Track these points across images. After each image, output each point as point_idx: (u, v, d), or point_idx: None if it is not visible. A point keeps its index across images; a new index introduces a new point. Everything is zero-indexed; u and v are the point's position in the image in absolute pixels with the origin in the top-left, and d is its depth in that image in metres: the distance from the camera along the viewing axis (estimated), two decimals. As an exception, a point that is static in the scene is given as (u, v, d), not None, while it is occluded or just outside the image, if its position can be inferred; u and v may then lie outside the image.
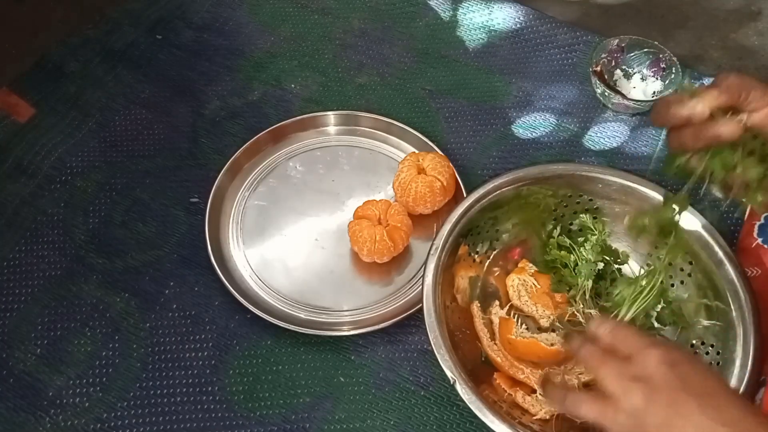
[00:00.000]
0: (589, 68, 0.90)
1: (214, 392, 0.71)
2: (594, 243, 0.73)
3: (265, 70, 0.95)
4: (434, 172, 0.78)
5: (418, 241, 0.80)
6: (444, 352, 0.62)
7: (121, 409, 0.70)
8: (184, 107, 0.91)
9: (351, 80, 0.94)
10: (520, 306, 0.73)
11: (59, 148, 0.88)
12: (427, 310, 0.65)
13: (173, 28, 0.99)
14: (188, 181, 0.85)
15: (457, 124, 0.90)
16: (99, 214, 0.83)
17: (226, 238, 0.81)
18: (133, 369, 0.72)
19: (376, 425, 0.69)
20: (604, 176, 0.73)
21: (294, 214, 0.82)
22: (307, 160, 0.87)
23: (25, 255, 0.80)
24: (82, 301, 0.77)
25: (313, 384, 0.72)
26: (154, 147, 0.88)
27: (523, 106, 0.91)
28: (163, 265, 0.79)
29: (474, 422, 0.69)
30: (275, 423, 0.69)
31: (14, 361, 0.73)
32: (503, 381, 0.68)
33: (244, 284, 0.77)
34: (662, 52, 0.89)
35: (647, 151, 0.87)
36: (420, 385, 0.71)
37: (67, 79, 0.94)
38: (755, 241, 0.70)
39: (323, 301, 0.76)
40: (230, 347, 0.74)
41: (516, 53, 0.96)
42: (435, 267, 0.68)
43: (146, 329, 0.75)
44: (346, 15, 1.01)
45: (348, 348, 0.73)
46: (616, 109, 0.90)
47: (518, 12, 0.99)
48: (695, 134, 0.56)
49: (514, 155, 0.87)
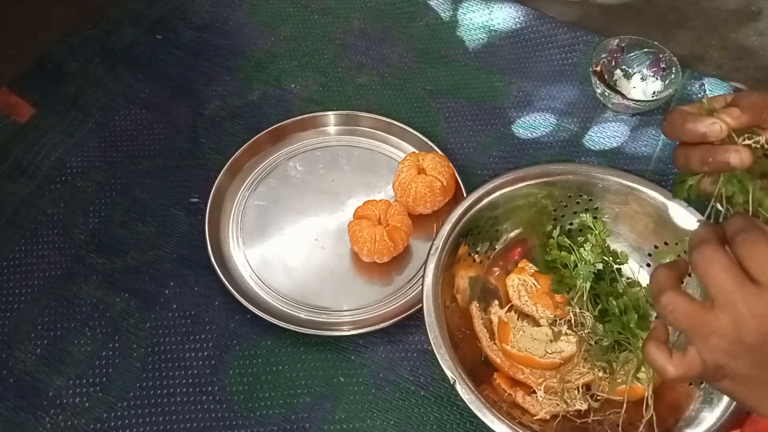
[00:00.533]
0: (589, 68, 0.90)
1: (214, 392, 0.71)
2: (594, 243, 0.73)
3: (265, 70, 0.95)
4: (434, 172, 0.78)
5: (418, 241, 0.80)
6: (444, 352, 0.62)
7: (121, 409, 0.70)
8: (184, 107, 0.91)
9: (351, 80, 0.94)
10: (520, 306, 0.73)
11: (59, 148, 0.88)
12: (427, 310, 0.65)
13: (173, 28, 0.99)
14: (188, 181, 0.85)
15: (457, 124, 0.90)
16: (99, 214, 0.83)
17: (226, 238, 0.81)
18: (133, 369, 0.72)
19: (376, 425, 0.69)
20: (604, 176, 0.73)
21: (294, 214, 0.82)
22: (307, 160, 0.87)
23: (25, 255, 0.80)
24: (82, 301, 0.77)
25: (313, 384, 0.72)
26: (154, 147, 0.88)
27: (523, 106, 0.91)
28: (163, 265, 0.79)
29: (474, 422, 0.69)
30: (275, 423, 0.69)
31: (14, 361, 0.73)
32: (503, 381, 0.68)
33: (244, 284, 0.77)
34: (662, 52, 0.89)
35: (647, 151, 0.87)
36: (420, 385, 0.71)
37: (67, 79, 0.94)
38: None
39: (323, 301, 0.76)
40: (230, 347, 0.74)
41: (516, 53, 0.96)
42: (435, 267, 0.68)
43: (146, 329, 0.75)
44: (346, 15, 1.01)
45: (348, 348, 0.73)
46: (616, 109, 0.90)
47: (518, 12, 0.99)
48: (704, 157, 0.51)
49: (514, 155, 0.87)
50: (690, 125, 0.50)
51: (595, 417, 0.66)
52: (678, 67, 0.88)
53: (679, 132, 0.52)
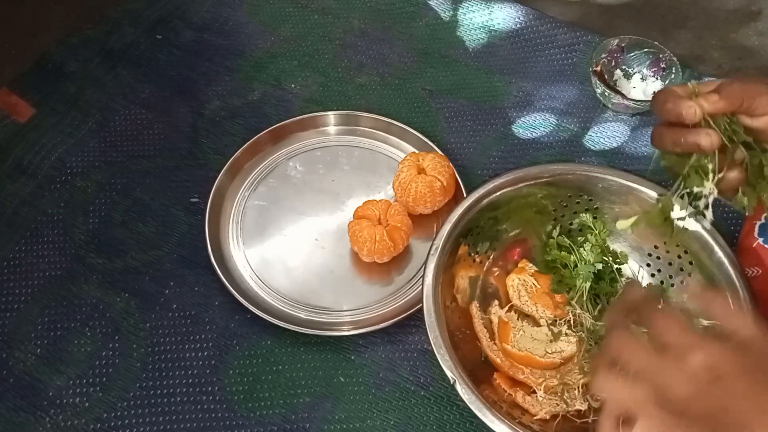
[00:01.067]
0: (589, 68, 0.90)
1: (214, 392, 0.71)
2: (594, 243, 0.73)
3: (265, 70, 0.95)
4: (434, 172, 0.78)
5: (418, 241, 0.80)
6: (444, 352, 0.62)
7: (121, 409, 0.70)
8: (184, 107, 0.91)
9: (351, 80, 0.94)
10: (520, 306, 0.73)
11: (59, 148, 0.88)
12: (427, 310, 0.65)
13: (173, 28, 0.99)
14: (188, 181, 0.85)
15: (457, 124, 0.90)
16: (99, 214, 0.83)
17: (226, 238, 0.81)
18: (133, 369, 0.72)
19: (376, 425, 0.69)
20: (604, 176, 0.73)
21: (294, 214, 0.82)
22: (307, 160, 0.87)
23: (25, 255, 0.80)
24: (82, 301, 0.77)
25: (313, 384, 0.72)
26: (154, 147, 0.88)
27: (523, 106, 0.91)
28: (163, 265, 0.79)
29: (474, 422, 0.69)
30: (275, 423, 0.69)
31: (14, 361, 0.73)
32: (503, 381, 0.68)
33: (244, 284, 0.77)
34: (662, 52, 0.89)
35: (647, 151, 0.87)
36: (420, 385, 0.71)
37: (67, 79, 0.94)
38: (755, 241, 0.70)
39: (323, 301, 0.76)
40: (230, 347, 0.74)
41: (516, 53, 0.96)
42: (435, 267, 0.68)
43: (146, 329, 0.75)
44: (346, 15, 1.01)
45: (348, 348, 0.73)
46: (616, 109, 0.90)
47: (518, 12, 0.99)
48: (676, 137, 0.55)
49: (514, 155, 0.87)
50: (670, 105, 0.54)
51: (595, 417, 0.66)
52: (678, 67, 0.88)
53: (660, 109, 0.55)
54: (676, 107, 0.54)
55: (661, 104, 0.55)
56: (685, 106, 0.53)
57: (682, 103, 0.53)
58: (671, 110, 0.54)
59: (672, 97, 0.55)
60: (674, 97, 0.55)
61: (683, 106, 0.53)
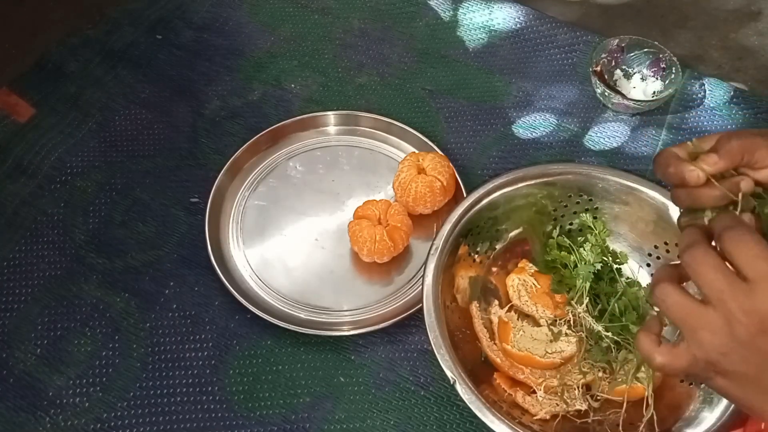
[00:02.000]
0: (589, 68, 0.90)
1: (214, 392, 0.71)
2: (593, 243, 0.73)
3: (265, 70, 0.95)
4: (434, 172, 0.78)
5: (418, 241, 0.80)
6: (444, 352, 0.62)
7: (121, 409, 0.70)
8: (184, 107, 0.91)
9: (351, 80, 0.94)
10: (520, 306, 0.73)
11: (59, 148, 0.88)
12: (427, 310, 0.65)
13: (173, 28, 0.99)
14: (188, 181, 0.85)
15: (457, 124, 0.90)
16: (99, 214, 0.83)
17: (226, 238, 0.81)
18: (133, 369, 0.72)
19: (376, 425, 0.69)
20: (604, 176, 0.73)
21: (294, 214, 0.82)
22: (307, 160, 0.87)
23: (25, 255, 0.80)
24: (82, 301, 0.77)
25: (313, 384, 0.72)
26: (154, 147, 0.88)
27: (523, 106, 0.91)
28: (163, 265, 0.79)
29: (474, 422, 0.69)
30: (275, 423, 0.69)
31: (14, 361, 0.73)
32: (503, 381, 0.68)
33: (244, 284, 0.77)
34: (662, 52, 0.89)
35: (647, 151, 0.87)
36: (420, 385, 0.71)
37: (67, 79, 0.94)
38: None
39: (323, 301, 0.76)
40: (230, 347, 0.74)
41: (516, 53, 0.96)
42: (435, 267, 0.68)
43: (146, 329, 0.75)
44: (346, 15, 1.01)
45: (348, 348, 0.74)
46: (616, 109, 0.90)
47: (518, 12, 0.99)
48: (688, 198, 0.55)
49: (514, 155, 0.87)
50: (672, 170, 0.54)
51: (595, 417, 0.66)
52: (678, 67, 0.88)
53: (663, 174, 0.55)
54: (678, 172, 0.54)
55: (663, 169, 0.55)
56: (687, 171, 0.53)
57: (684, 168, 0.54)
58: (674, 175, 0.54)
59: (672, 160, 0.55)
60: (675, 160, 0.55)
61: (685, 171, 0.54)
